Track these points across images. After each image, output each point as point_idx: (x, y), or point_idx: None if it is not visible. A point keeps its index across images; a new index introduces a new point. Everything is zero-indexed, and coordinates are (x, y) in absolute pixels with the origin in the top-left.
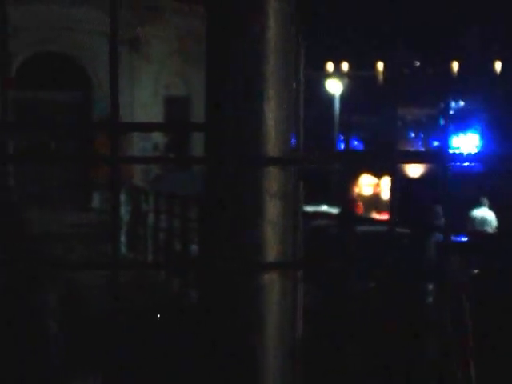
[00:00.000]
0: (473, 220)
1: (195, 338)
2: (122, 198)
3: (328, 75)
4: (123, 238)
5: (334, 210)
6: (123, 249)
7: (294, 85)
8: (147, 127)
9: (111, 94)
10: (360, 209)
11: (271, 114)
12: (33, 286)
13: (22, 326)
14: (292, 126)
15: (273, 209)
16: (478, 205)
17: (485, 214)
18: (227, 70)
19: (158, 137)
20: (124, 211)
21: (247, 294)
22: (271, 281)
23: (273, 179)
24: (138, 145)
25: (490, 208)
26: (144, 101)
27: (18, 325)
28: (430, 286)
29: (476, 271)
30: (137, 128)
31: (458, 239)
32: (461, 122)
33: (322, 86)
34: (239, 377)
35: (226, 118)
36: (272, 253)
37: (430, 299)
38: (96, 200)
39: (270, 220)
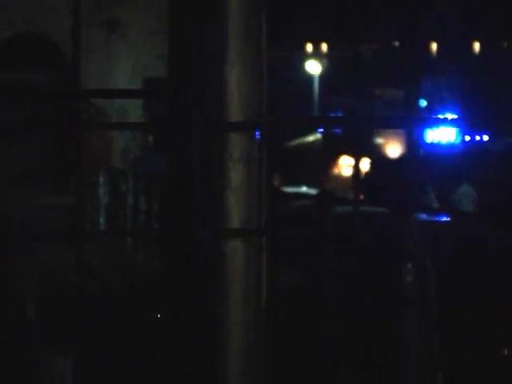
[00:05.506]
0: (457, 193)
1: (163, 312)
2: (101, 179)
3: (307, 56)
4: (102, 220)
5: (313, 191)
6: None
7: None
8: (111, 94)
9: (73, 62)
10: (327, 183)
11: (234, 79)
12: (10, 268)
13: (1, 300)
14: (257, 91)
15: (236, 175)
16: (460, 182)
17: (467, 188)
18: (189, 35)
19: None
20: (103, 193)
21: (211, 262)
22: (235, 248)
23: (236, 145)
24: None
25: (471, 184)
26: (122, 82)
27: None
28: (409, 265)
29: None
30: (100, 94)
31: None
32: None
33: (302, 66)
34: (205, 343)
35: (188, 83)
36: (235, 220)
37: (410, 278)
38: (73, 183)
39: (233, 187)
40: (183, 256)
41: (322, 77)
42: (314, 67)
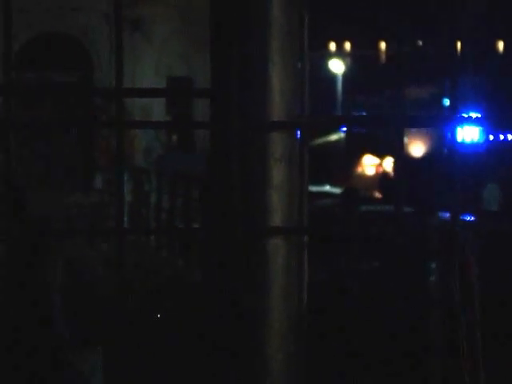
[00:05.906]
0: (483, 191)
1: (200, 310)
2: (124, 178)
3: (330, 55)
4: (125, 218)
5: (337, 190)
6: None
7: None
8: (150, 93)
9: (116, 60)
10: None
11: (276, 79)
12: (37, 260)
13: (28, 299)
14: (298, 92)
15: (278, 174)
16: (486, 181)
17: (493, 186)
18: (233, 35)
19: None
20: (126, 191)
21: (253, 259)
22: (277, 246)
23: (278, 143)
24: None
25: (496, 183)
26: (146, 81)
27: (24, 298)
28: (433, 265)
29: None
30: (140, 94)
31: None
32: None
33: (325, 66)
34: (245, 341)
35: (231, 82)
36: (277, 218)
37: (433, 278)
38: (98, 181)
39: (275, 185)
40: (224, 255)
41: (346, 76)
42: (337, 66)
